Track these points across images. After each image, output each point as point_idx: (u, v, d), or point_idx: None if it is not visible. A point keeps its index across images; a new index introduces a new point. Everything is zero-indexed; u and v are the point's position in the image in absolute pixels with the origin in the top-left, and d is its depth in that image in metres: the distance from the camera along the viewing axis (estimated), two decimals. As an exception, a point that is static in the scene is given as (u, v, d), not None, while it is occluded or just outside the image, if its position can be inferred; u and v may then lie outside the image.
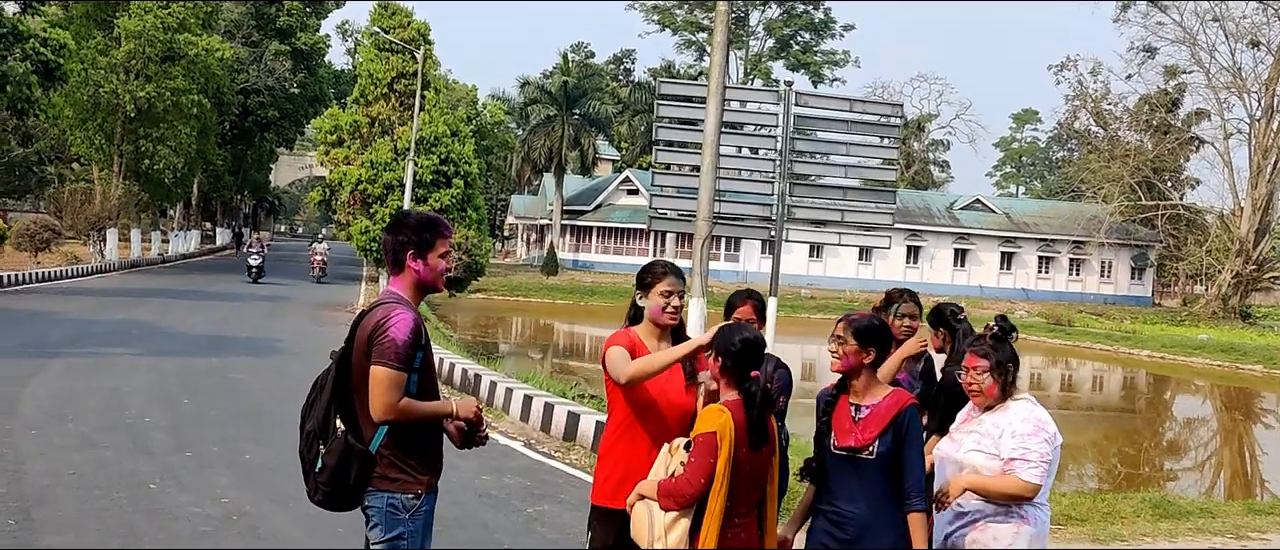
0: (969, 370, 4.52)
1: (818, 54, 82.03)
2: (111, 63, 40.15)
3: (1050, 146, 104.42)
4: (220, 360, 15.72)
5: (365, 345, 4.00)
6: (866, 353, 4.25)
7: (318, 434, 4.00)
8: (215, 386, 13.32)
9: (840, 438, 4.23)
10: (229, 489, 8.14)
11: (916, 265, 64.51)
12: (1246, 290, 58.73)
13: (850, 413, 4.27)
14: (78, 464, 8.53)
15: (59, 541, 6.52)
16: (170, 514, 7.34)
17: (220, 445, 9.69)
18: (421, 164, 30.48)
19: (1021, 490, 4.32)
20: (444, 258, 4.17)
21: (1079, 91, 67.01)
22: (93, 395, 11.75)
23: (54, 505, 7.32)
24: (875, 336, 4.29)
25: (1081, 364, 40.77)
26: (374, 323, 4.01)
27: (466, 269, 30.70)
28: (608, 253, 66.50)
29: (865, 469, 4.16)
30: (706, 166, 9.76)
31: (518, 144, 69.11)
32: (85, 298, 24.40)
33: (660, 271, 4.54)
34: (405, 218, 4.24)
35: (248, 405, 12.03)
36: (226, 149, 56.41)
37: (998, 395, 4.47)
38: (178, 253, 47.12)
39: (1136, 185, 60.65)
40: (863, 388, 4.27)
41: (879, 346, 4.28)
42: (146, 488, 8.00)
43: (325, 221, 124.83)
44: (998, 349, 4.49)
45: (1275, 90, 56.33)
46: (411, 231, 4.14)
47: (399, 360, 3.92)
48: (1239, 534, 9.59)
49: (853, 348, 4.24)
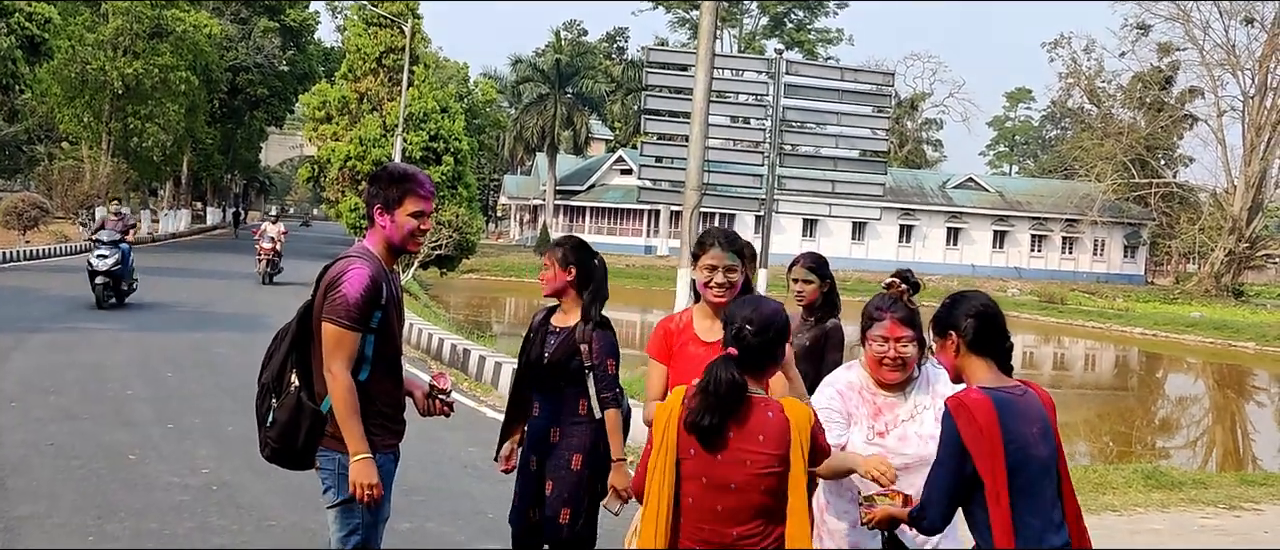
0: (889, 341, 3.74)
1: (811, 32, 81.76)
2: (99, 39, 39.79)
3: (1043, 125, 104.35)
4: (205, 335, 15.57)
5: (322, 300, 3.84)
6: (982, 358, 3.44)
7: (271, 387, 3.87)
8: (199, 361, 13.19)
9: None
10: (209, 460, 8.03)
11: (909, 244, 64.49)
12: (1239, 268, 58.80)
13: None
14: (56, 435, 8.41)
15: (34, 510, 6.40)
16: (149, 484, 7.22)
17: (201, 418, 9.57)
18: (410, 140, 30.29)
19: None
20: (417, 217, 3.92)
21: (1072, 69, 66.92)
22: (74, 369, 11.61)
23: (30, 474, 7.19)
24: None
25: (1074, 342, 40.77)
26: (330, 278, 3.85)
27: (457, 247, 30.51)
28: (601, 233, 66.34)
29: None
30: (696, 136, 9.63)
31: (510, 123, 68.87)
32: (70, 274, 24.17)
33: (707, 243, 4.15)
34: (383, 170, 4.05)
35: (231, 379, 11.89)
36: (215, 127, 56.06)
37: (914, 368, 3.80)
38: (168, 232, 46.83)
39: (1130, 163, 60.62)
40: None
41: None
42: (125, 458, 7.88)
43: (317, 202, 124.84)
44: (914, 313, 3.81)
45: (1269, 67, 56.30)
46: (382, 184, 3.94)
47: (350, 318, 3.74)
48: (1231, 504, 9.53)
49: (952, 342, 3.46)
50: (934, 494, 3.28)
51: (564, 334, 4.72)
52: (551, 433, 4.69)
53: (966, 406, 3.20)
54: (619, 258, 54.87)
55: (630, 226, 66.39)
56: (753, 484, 3.22)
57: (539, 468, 4.73)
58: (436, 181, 31.63)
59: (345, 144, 31.82)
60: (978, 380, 3.34)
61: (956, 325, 3.36)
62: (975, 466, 3.19)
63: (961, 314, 3.38)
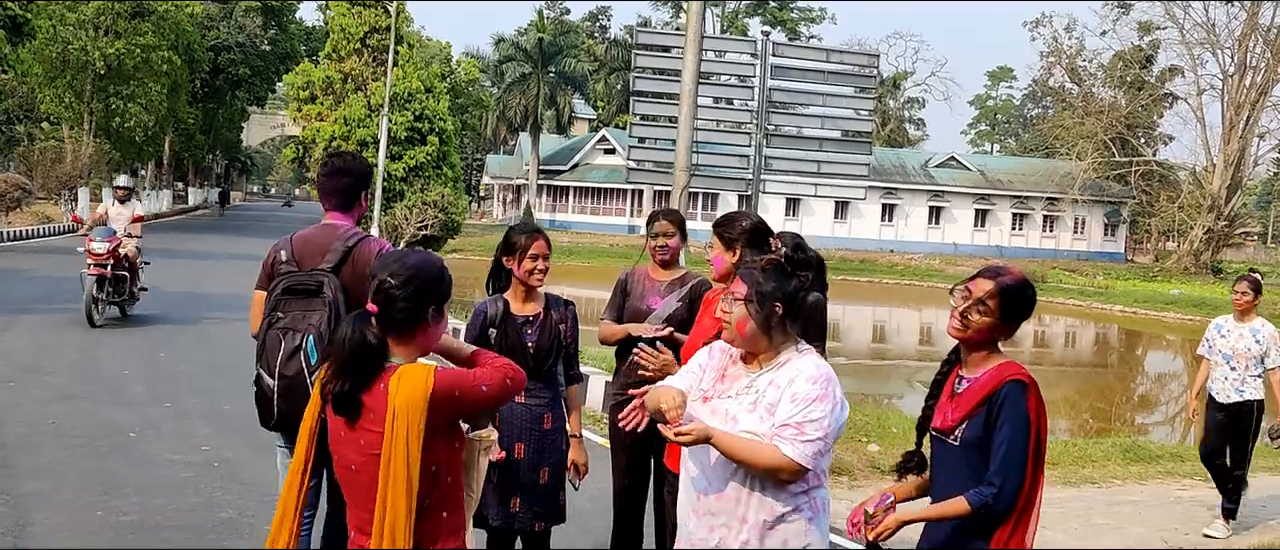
0: (728, 294, 3.33)
1: (794, 11, 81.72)
2: (80, 19, 39.57)
3: (1025, 104, 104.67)
4: (196, 316, 15.65)
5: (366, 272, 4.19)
6: (1006, 330, 3.43)
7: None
8: (191, 342, 13.28)
9: (935, 416, 3.54)
10: (209, 438, 8.17)
11: (891, 223, 64.78)
12: (1218, 246, 59.29)
13: (953, 387, 3.53)
14: (56, 414, 8.53)
15: (41, 487, 6.53)
16: (151, 461, 7.37)
17: (198, 397, 9.70)
18: (395, 121, 30.29)
19: (780, 466, 3.11)
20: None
21: (1054, 48, 67.20)
22: (68, 349, 11.71)
23: (34, 453, 7.32)
24: (1023, 310, 3.45)
25: (1054, 320, 41.11)
26: (371, 253, 4.32)
27: (443, 227, 30.57)
28: (585, 212, 66.39)
29: (951, 456, 3.45)
30: (684, 118, 9.77)
31: (493, 103, 68.70)
32: (55, 255, 24.16)
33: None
34: (351, 160, 4.75)
35: (224, 360, 12.00)
36: (197, 107, 55.82)
37: (756, 340, 3.26)
38: (150, 212, 46.72)
39: (1110, 142, 60.98)
40: (979, 360, 3.46)
41: (1023, 321, 3.46)
42: (126, 436, 8.02)
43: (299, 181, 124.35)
44: (770, 277, 3.27)
45: (1248, 46, 56.62)
46: (360, 175, 4.72)
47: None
48: (1207, 476, 9.76)
49: (991, 322, 3.40)
50: (1015, 469, 3.25)
51: (539, 320, 4.67)
52: (544, 418, 4.63)
53: (1035, 382, 3.30)
54: (603, 237, 54.96)
55: (614, 206, 66.44)
56: (367, 466, 2.78)
57: (530, 455, 4.60)
58: (421, 162, 31.70)
59: (330, 124, 31.79)
60: (1005, 356, 3.43)
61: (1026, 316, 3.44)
62: (1039, 442, 3.31)
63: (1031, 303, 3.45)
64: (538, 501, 4.58)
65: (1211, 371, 8.02)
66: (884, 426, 10.42)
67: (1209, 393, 8.01)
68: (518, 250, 4.59)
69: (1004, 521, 3.31)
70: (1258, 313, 8.09)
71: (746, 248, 4.43)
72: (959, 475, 3.37)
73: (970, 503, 3.27)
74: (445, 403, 2.77)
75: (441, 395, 2.75)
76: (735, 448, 3.12)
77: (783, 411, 3.16)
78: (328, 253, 4.40)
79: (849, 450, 9.43)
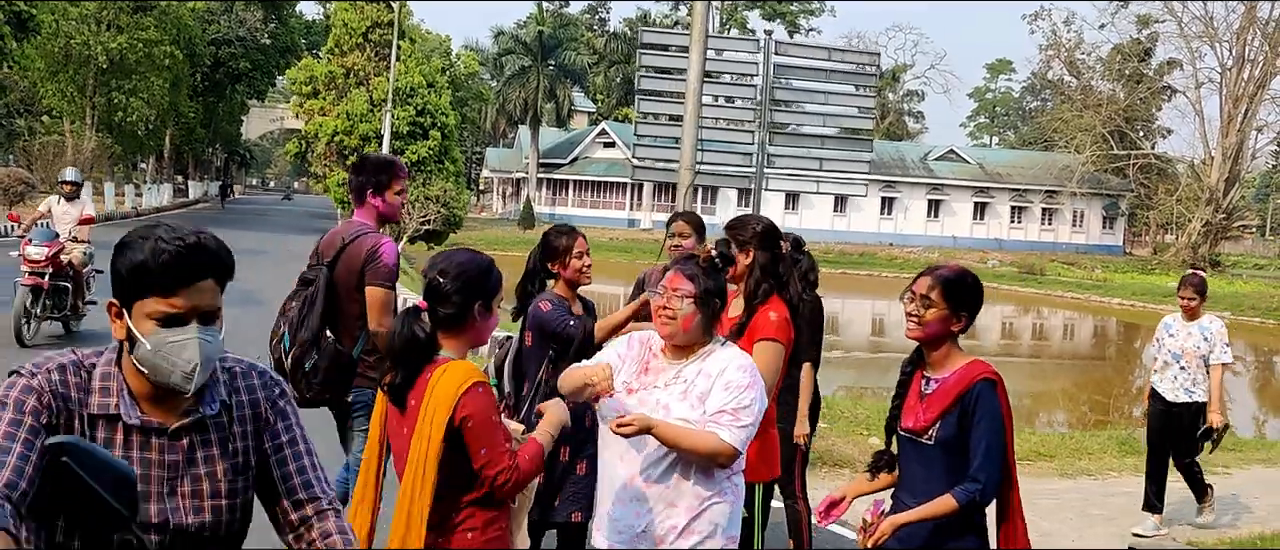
0: (666, 290, 3.39)
1: (793, 3, 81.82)
2: (82, 13, 39.75)
3: (1024, 96, 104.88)
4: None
5: (358, 268, 4.69)
6: (957, 319, 3.52)
7: (311, 343, 4.63)
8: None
9: (905, 418, 3.62)
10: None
11: (891, 216, 64.97)
12: (1216, 239, 59.52)
13: (920, 388, 3.61)
14: None
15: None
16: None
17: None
18: (397, 115, 30.47)
19: (719, 451, 3.26)
20: (400, 195, 4.90)
21: (1053, 41, 67.34)
22: (83, 343, 11.85)
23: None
24: (969, 297, 3.54)
25: (1053, 313, 41.34)
26: (367, 249, 4.68)
27: (445, 222, 30.74)
28: (585, 206, 66.59)
29: (925, 456, 3.53)
30: (689, 116, 9.93)
31: (492, 96, 68.84)
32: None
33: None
34: (365, 160, 5.02)
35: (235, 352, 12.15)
36: (197, 101, 55.99)
37: (697, 334, 3.39)
38: (151, 206, 46.80)
39: (1109, 135, 61.17)
40: (941, 359, 3.56)
41: (973, 310, 3.55)
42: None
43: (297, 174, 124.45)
44: (711, 276, 3.45)
45: (1246, 39, 56.80)
46: (371, 172, 4.92)
47: (391, 280, 4.71)
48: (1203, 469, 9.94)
49: (940, 312, 3.50)
50: (996, 464, 3.40)
51: (581, 317, 4.77)
52: (585, 417, 4.48)
53: (1002, 379, 3.47)
54: (603, 230, 55.12)
55: (614, 199, 66.63)
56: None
57: (572, 454, 4.66)
58: (423, 156, 31.87)
59: (332, 119, 31.97)
60: (968, 354, 3.58)
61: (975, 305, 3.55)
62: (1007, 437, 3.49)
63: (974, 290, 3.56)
64: (576, 492, 4.63)
65: (1160, 371, 7.85)
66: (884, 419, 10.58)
67: (1155, 390, 7.87)
68: (562, 252, 4.81)
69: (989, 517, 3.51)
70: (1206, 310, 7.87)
71: (758, 249, 4.51)
72: (933, 473, 3.49)
73: (958, 500, 3.39)
74: (460, 414, 2.87)
75: (464, 410, 2.87)
76: (676, 437, 3.23)
77: (717, 399, 3.28)
78: (334, 247, 4.81)
79: (850, 444, 9.63)
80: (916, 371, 3.63)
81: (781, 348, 4.31)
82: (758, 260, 4.44)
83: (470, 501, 2.95)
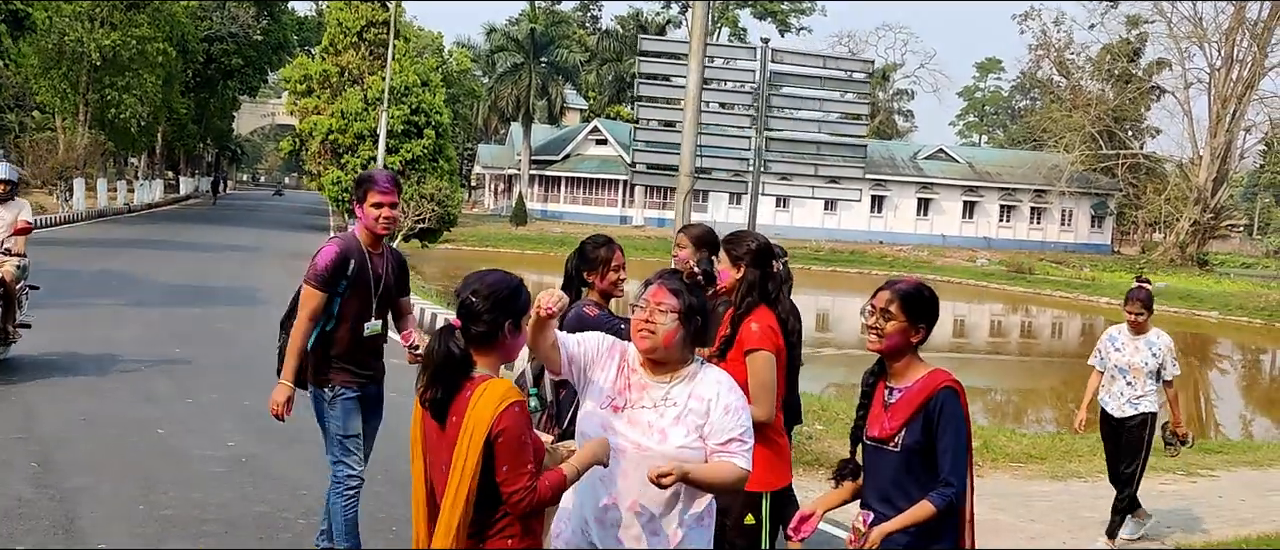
0: (649, 303, 3.41)
1: (784, 2, 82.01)
2: (76, 10, 39.76)
3: (1013, 96, 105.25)
4: (203, 310, 15.95)
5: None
6: (916, 331, 3.67)
7: (282, 327, 5.44)
8: (203, 336, 13.58)
9: (870, 426, 3.75)
10: (233, 433, 8.50)
11: (881, 215, 65.23)
12: (1204, 238, 59.94)
13: (883, 397, 3.75)
14: (87, 410, 8.85)
15: (84, 482, 6.86)
16: (183, 456, 7.70)
17: (218, 392, 10.01)
18: (392, 114, 30.57)
19: (740, 480, 3.40)
20: (376, 206, 5.20)
21: (1042, 41, 67.71)
22: (86, 344, 11.98)
23: (72, 448, 7.65)
24: (926, 310, 3.69)
25: (1042, 311, 41.61)
26: (316, 255, 5.28)
27: (440, 220, 30.86)
28: (576, 202, 66.75)
29: (891, 462, 3.66)
30: (689, 123, 10.10)
31: (484, 93, 68.89)
32: (57, 248, 24.36)
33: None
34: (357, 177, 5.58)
35: (237, 354, 12.33)
36: (190, 97, 55.99)
37: (677, 351, 3.43)
38: (143, 202, 46.88)
39: (1097, 135, 61.54)
40: (902, 369, 3.71)
41: (930, 322, 3.69)
42: (155, 432, 8.35)
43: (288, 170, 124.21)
44: (693, 293, 3.49)
45: (1234, 40, 57.19)
46: (355, 187, 5.45)
47: (315, 280, 5.16)
48: (1189, 471, 10.18)
49: (900, 325, 3.65)
50: (964, 467, 3.58)
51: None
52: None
53: (963, 387, 3.65)
54: (595, 228, 55.02)
55: (606, 196, 66.80)
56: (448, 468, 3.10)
57: None
58: (418, 155, 31.97)
59: (326, 118, 32.04)
60: (929, 365, 3.74)
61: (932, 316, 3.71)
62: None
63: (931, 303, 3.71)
64: None
65: (1106, 386, 7.73)
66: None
67: (1102, 407, 7.77)
68: (600, 264, 4.96)
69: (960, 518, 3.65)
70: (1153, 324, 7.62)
71: (749, 266, 4.65)
72: (897, 479, 3.63)
73: (935, 504, 3.53)
74: (495, 429, 3.01)
75: (499, 425, 3.01)
76: (709, 477, 3.34)
77: (722, 425, 3.37)
78: None
79: (846, 445, 9.80)
80: (879, 382, 3.77)
81: (771, 355, 4.46)
82: (747, 277, 4.59)
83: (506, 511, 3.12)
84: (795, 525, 3.81)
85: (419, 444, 3.25)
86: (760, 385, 4.43)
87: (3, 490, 6.55)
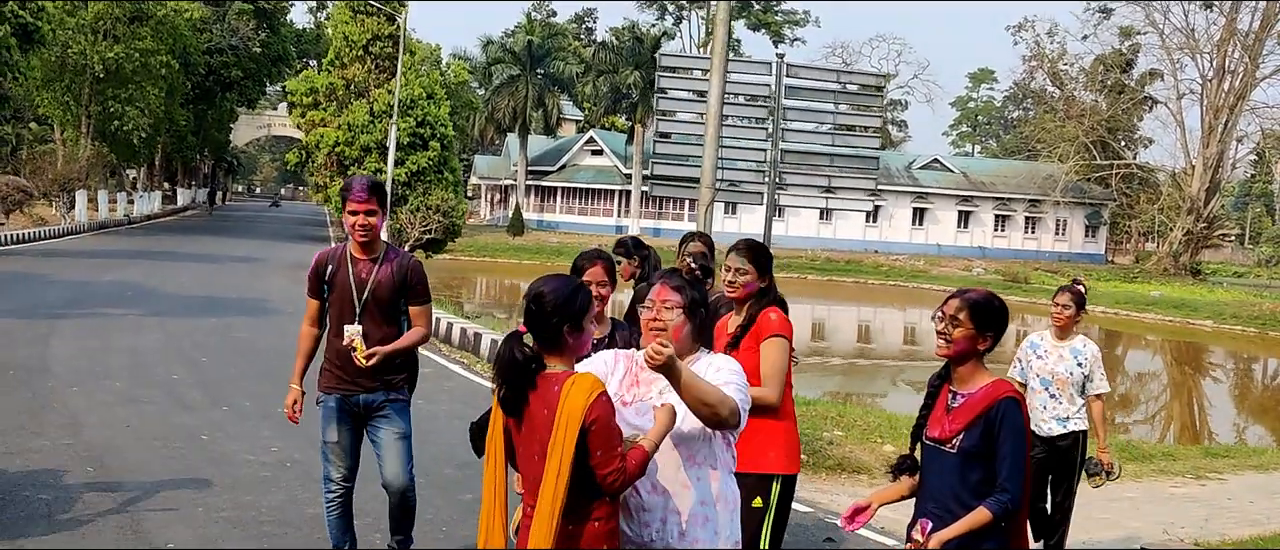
0: (655, 302, 3.67)
1: (778, 14, 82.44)
2: (79, 23, 39.95)
3: (1006, 106, 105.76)
4: (219, 320, 16.15)
5: None
6: (983, 339, 3.87)
7: None
8: (224, 345, 13.80)
9: (930, 427, 3.95)
10: (274, 439, 8.72)
11: (876, 225, 65.54)
12: (1197, 247, 60.38)
13: (946, 401, 3.94)
14: (128, 418, 9.08)
15: (140, 486, 7.08)
16: (229, 461, 7.93)
17: (251, 401, 10.23)
18: (399, 127, 30.80)
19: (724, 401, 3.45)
20: (352, 214, 5.28)
21: (1036, 52, 68.19)
22: (114, 355, 12.21)
23: (122, 454, 7.88)
24: (995, 319, 3.90)
25: (1037, 320, 41.86)
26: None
27: (445, 231, 31.07)
28: (572, 213, 67.01)
29: (947, 464, 3.85)
30: (710, 137, 10.38)
31: (481, 104, 69.14)
32: (65, 259, 24.59)
33: (728, 251, 5.02)
34: None
35: (261, 363, 12.55)
36: (189, 109, 56.15)
37: (686, 342, 3.66)
38: (142, 214, 47.05)
39: (1091, 145, 61.96)
40: (967, 374, 3.90)
41: (998, 331, 3.88)
42: (199, 439, 8.57)
43: (283, 181, 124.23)
44: (695, 288, 3.74)
45: (1226, 51, 57.68)
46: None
47: (307, 288, 5.56)
48: (1198, 474, 10.46)
49: (967, 332, 3.86)
50: (1021, 475, 3.72)
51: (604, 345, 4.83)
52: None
53: (1023, 399, 3.86)
54: (590, 238, 55.45)
55: (602, 206, 67.10)
56: (540, 462, 3.35)
57: None
58: (423, 166, 32.16)
59: (333, 130, 32.23)
60: (993, 374, 3.94)
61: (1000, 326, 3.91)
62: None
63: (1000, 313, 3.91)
64: None
65: (1027, 400, 6.31)
66: (896, 428, 11.03)
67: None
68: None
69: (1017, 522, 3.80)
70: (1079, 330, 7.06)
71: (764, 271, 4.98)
72: (953, 479, 3.79)
73: (992, 511, 3.69)
74: (589, 418, 3.24)
75: (591, 414, 3.25)
76: (699, 385, 3.35)
77: (716, 378, 3.49)
78: None
79: (865, 450, 10.08)
80: (944, 385, 3.94)
81: (787, 341, 4.75)
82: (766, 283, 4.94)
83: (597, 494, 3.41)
84: (850, 515, 4.06)
85: (499, 440, 3.50)
86: (773, 367, 4.71)
87: (68, 495, 6.78)
